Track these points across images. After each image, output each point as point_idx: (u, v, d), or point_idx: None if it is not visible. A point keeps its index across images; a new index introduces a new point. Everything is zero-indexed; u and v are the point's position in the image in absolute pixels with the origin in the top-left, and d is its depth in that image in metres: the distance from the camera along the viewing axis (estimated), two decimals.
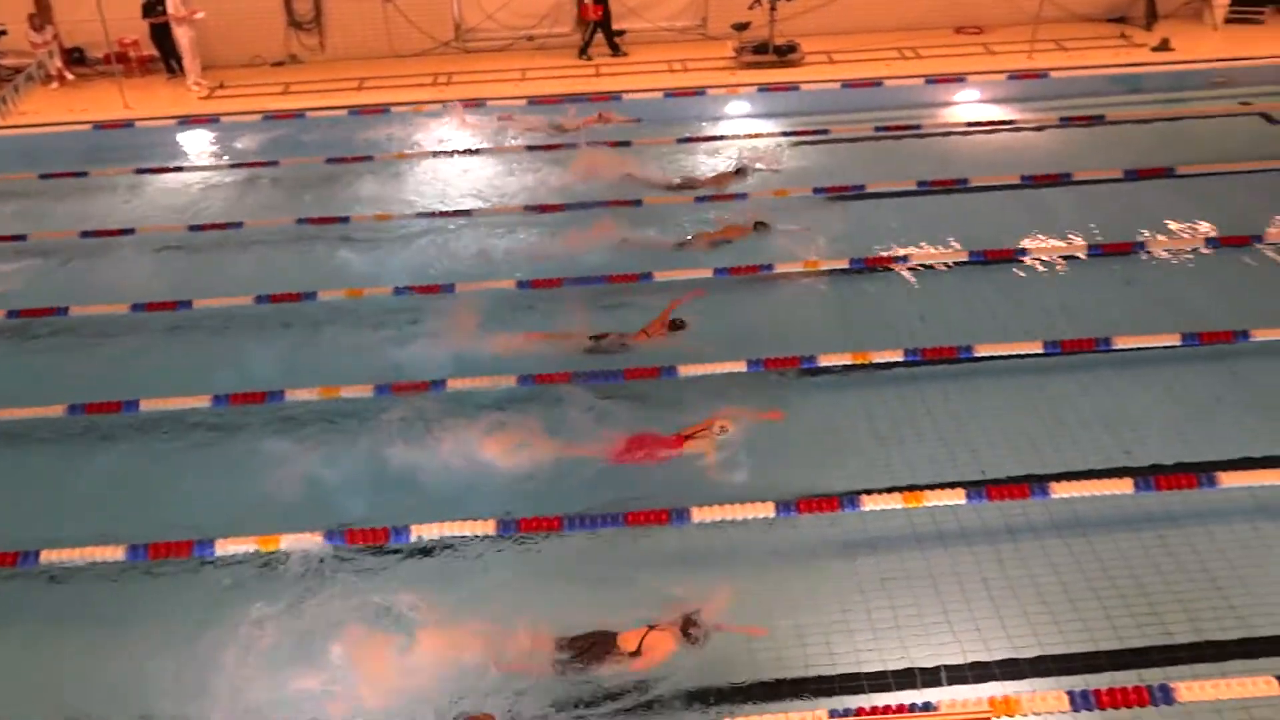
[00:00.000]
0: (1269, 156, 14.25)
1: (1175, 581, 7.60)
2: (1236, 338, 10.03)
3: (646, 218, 13.22)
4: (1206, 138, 15.39)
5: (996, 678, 6.88)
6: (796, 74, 17.67)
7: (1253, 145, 14.91)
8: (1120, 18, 19.56)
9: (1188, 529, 8.06)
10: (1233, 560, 7.77)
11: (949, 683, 6.87)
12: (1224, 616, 7.28)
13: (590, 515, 8.19)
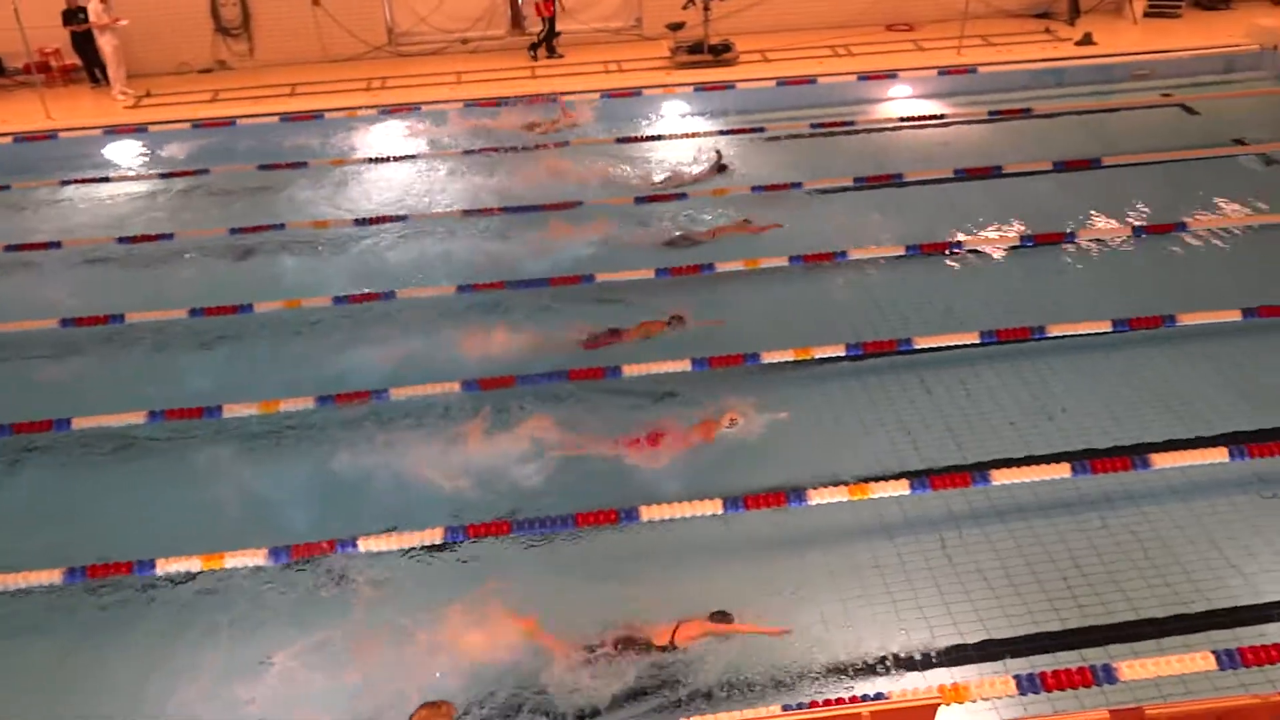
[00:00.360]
0: (1189, 146, 14.68)
1: (1113, 561, 7.79)
2: (1165, 322, 10.31)
3: (586, 217, 13.21)
4: (1130, 129, 15.80)
5: (945, 665, 6.99)
6: (732, 73, 17.78)
7: (1174, 135, 15.34)
8: (1044, 13, 20.01)
9: (1123, 511, 8.28)
10: (1167, 540, 7.98)
11: (898, 671, 6.97)
12: (1161, 594, 7.48)
13: (539, 519, 8.16)
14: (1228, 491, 8.44)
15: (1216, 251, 12.09)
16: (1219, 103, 16.48)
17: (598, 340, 10.54)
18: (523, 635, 7.17)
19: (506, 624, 7.28)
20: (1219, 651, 6.62)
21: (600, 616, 7.29)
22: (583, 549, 8.15)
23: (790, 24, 19.70)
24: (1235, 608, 7.36)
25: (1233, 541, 7.93)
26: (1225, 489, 8.45)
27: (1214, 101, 16.49)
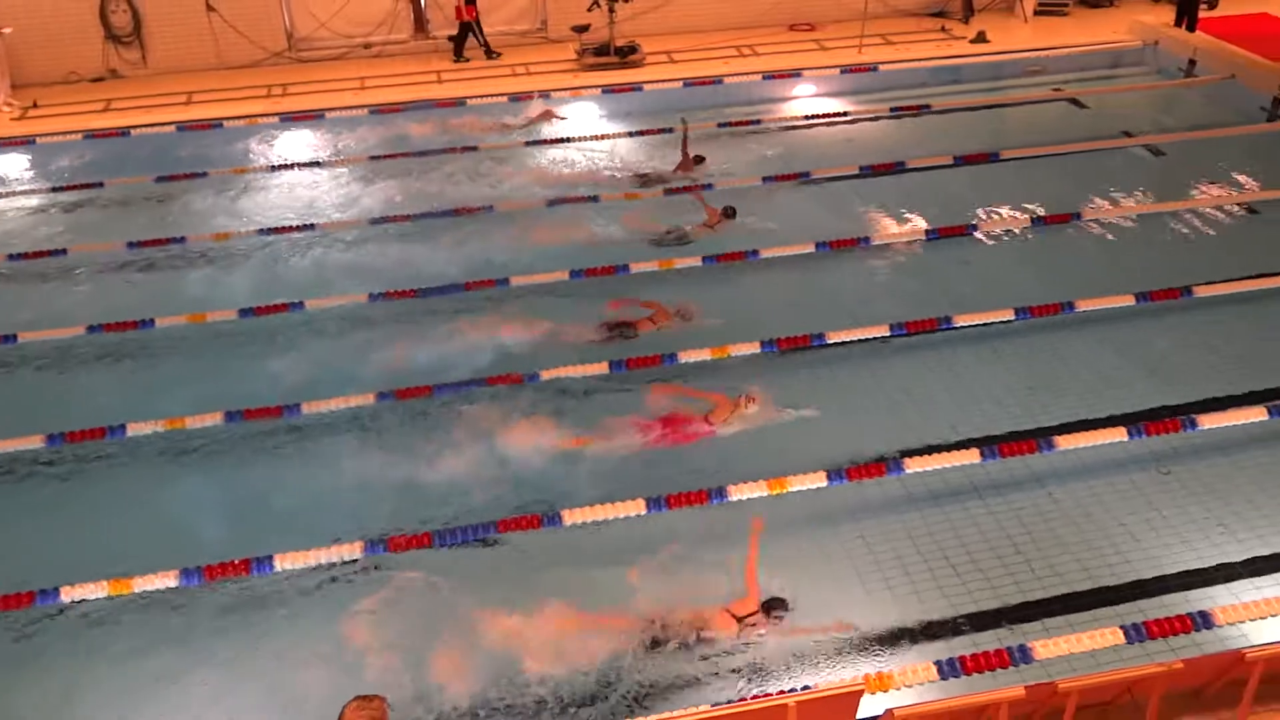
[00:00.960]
0: (1080, 139, 15.23)
1: (1023, 543, 8.04)
2: (1064, 309, 10.68)
3: (498, 222, 13.13)
4: (1024, 123, 16.34)
5: (867, 653, 7.12)
6: (638, 74, 17.85)
7: (1065, 129, 15.91)
8: (940, 12, 20.55)
9: (1032, 492, 8.56)
10: (1073, 519, 8.27)
11: (824, 663, 7.08)
12: (1070, 572, 7.74)
13: (459, 528, 8.08)
14: (1128, 470, 8.78)
15: (1109, 239, 12.59)
16: (1106, 97, 17.15)
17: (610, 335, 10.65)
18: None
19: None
20: (1126, 626, 6.87)
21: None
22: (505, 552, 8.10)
23: (695, 25, 19.87)
24: (1139, 581, 7.67)
25: (1134, 517, 8.26)
26: (1125, 467, 8.80)
27: (1102, 96, 17.16)
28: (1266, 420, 9.02)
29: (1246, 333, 10.58)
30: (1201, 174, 14.07)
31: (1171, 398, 9.53)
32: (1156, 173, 14.39)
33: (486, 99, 16.82)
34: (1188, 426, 8.92)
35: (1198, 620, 6.91)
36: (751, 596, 7.29)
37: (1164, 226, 12.82)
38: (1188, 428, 8.91)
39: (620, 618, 7.29)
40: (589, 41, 18.51)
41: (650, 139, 15.66)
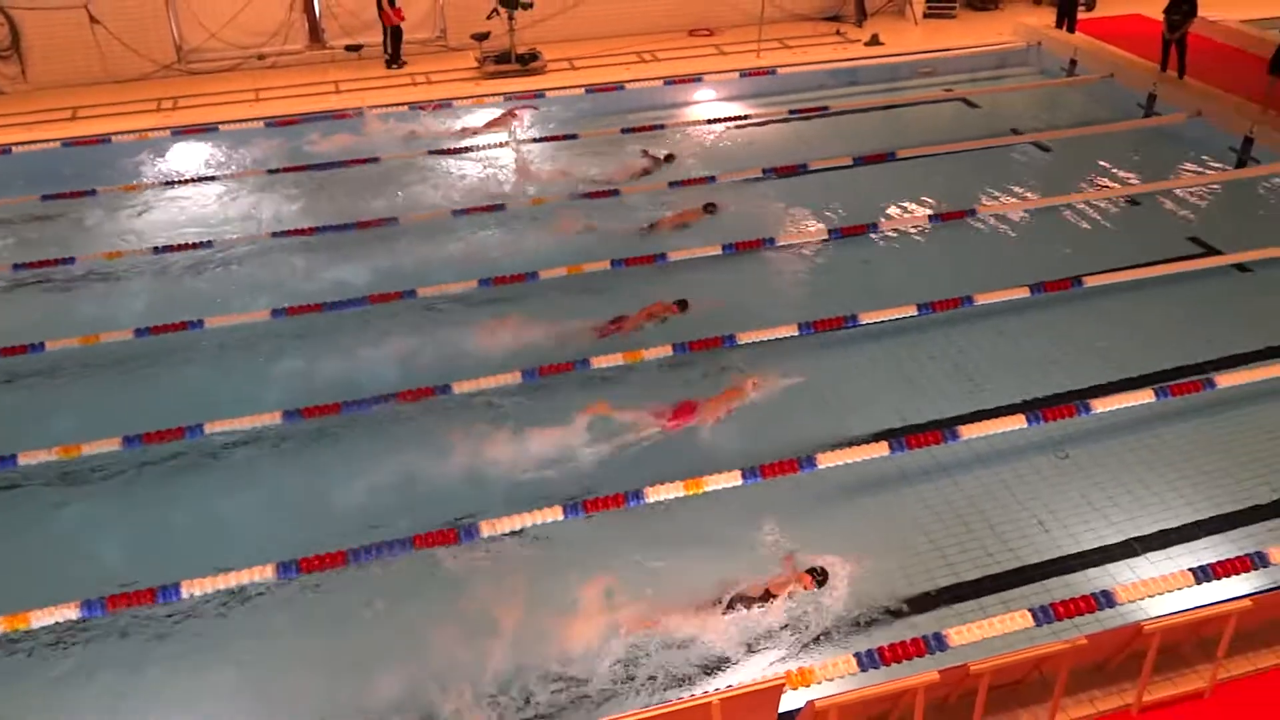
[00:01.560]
0: (972, 137, 15.73)
1: (933, 532, 8.26)
2: (963, 302, 11.01)
3: (401, 234, 12.96)
4: (919, 123, 16.79)
5: (788, 650, 7.22)
6: (540, 81, 17.81)
7: (958, 128, 16.41)
8: (834, 16, 21.01)
9: (939, 481, 8.80)
10: (979, 505, 8.53)
11: (744, 659, 7.17)
12: (978, 558, 7.98)
13: (375, 544, 7.95)
14: (1028, 455, 9.10)
15: (1003, 234, 13.03)
16: (995, 96, 17.76)
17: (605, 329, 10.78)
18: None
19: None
20: (1035, 609, 7.10)
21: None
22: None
23: (595, 32, 19.93)
24: (1042, 563, 7.95)
25: (1035, 500, 8.56)
26: (1025, 453, 9.12)
27: (991, 95, 17.76)
28: (1154, 402, 9.44)
29: (1133, 319, 11.06)
30: (1086, 169, 14.67)
31: (1066, 384, 9.92)
32: (1044, 168, 14.95)
33: (387, 108, 16.59)
34: (1082, 411, 9.29)
35: (1101, 599, 7.19)
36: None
37: (1053, 220, 13.33)
38: (1082, 412, 9.28)
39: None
40: (490, 49, 18.41)
41: (555, 145, 15.65)
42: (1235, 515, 8.41)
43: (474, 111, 16.73)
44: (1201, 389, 9.60)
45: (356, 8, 18.80)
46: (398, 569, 7.95)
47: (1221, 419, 9.53)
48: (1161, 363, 10.22)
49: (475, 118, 16.57)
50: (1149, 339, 10.71)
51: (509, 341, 10.63)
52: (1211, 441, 9.25)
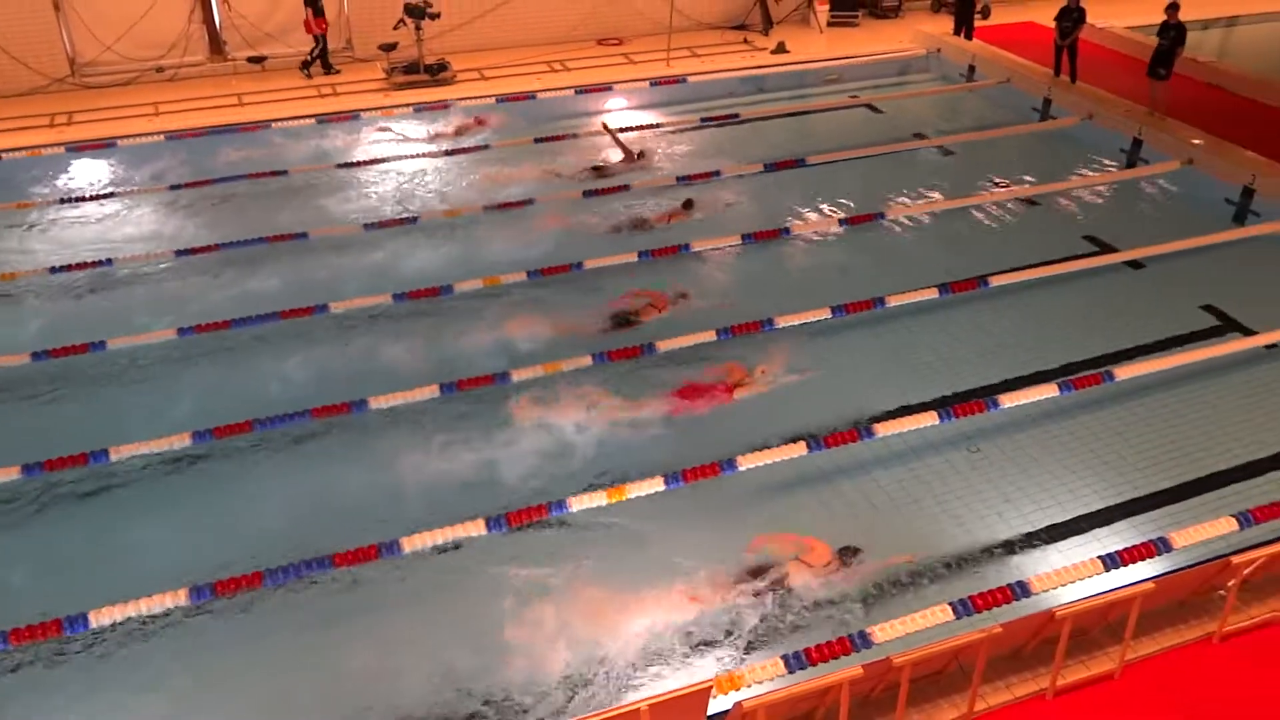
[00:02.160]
0: (878, 142, 16.09)
1: (852, 528, 8.39)
2: (875, 304, 11.25)
3: (312, 249, 12.73)
4: (827, 129, 17.11)
5: (716, 655, 7.28)
6: (450, 91, 17.69)
7: (864, 133, 16.77)
8: (741, 25, 21.30)
9: (858, 479, 8.98)
10: (895, 499, 8.72)
11: (673, 667, 7.20)
12: (899, 552, 8.14)
13: (292, 564, 7.78)
14: (941, 450, 9.34)
15: (911, 236, 13.36)
16: (899, 102, 18.19)
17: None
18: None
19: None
20: (954, 602, 7.26)
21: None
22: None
23: (504, 42, 19.88)
24: (961, 556, 8.15)
25: (950, 494, 8.79)
26: (939, 449, 9.36)
27: (895, 101, 18.19)
28: (1058, 396, 9.78)
29: (1037, 316, 11.45)
30: (987, 171, 15.14)
31: (975, 381, 10.20)
32: (948, 172, 15.37)
33: (293, 121, 16.28)
34: (991, 406, 9.57)
35: (1016, 590, 7.38)
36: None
37: (958, 221, 13.72)
38: (991, 408, 9.57)
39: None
40: (397, 60, 18.21)
41: (468, 156, 15.54)
42: (1139, 502, 8.75)
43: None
44: (1101, 381, 9.97)
45: (258, 19, 18.43)
46: (318, 588, 7.80)
47: (1122, 410, 9.91)
48: (1064, 358, 10.60)
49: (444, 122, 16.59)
50: (1052, 335, 11.09)
51: (425, 354, 10.53)
52: (1113, 432, 9.61)
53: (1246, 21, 22.71)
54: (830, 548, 8.01)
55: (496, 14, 19.75)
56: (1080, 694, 6.92)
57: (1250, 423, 9.72)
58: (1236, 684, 6.97)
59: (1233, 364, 10.52)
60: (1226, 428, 9.66)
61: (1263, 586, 7.54)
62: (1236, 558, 7.18)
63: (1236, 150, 14.51)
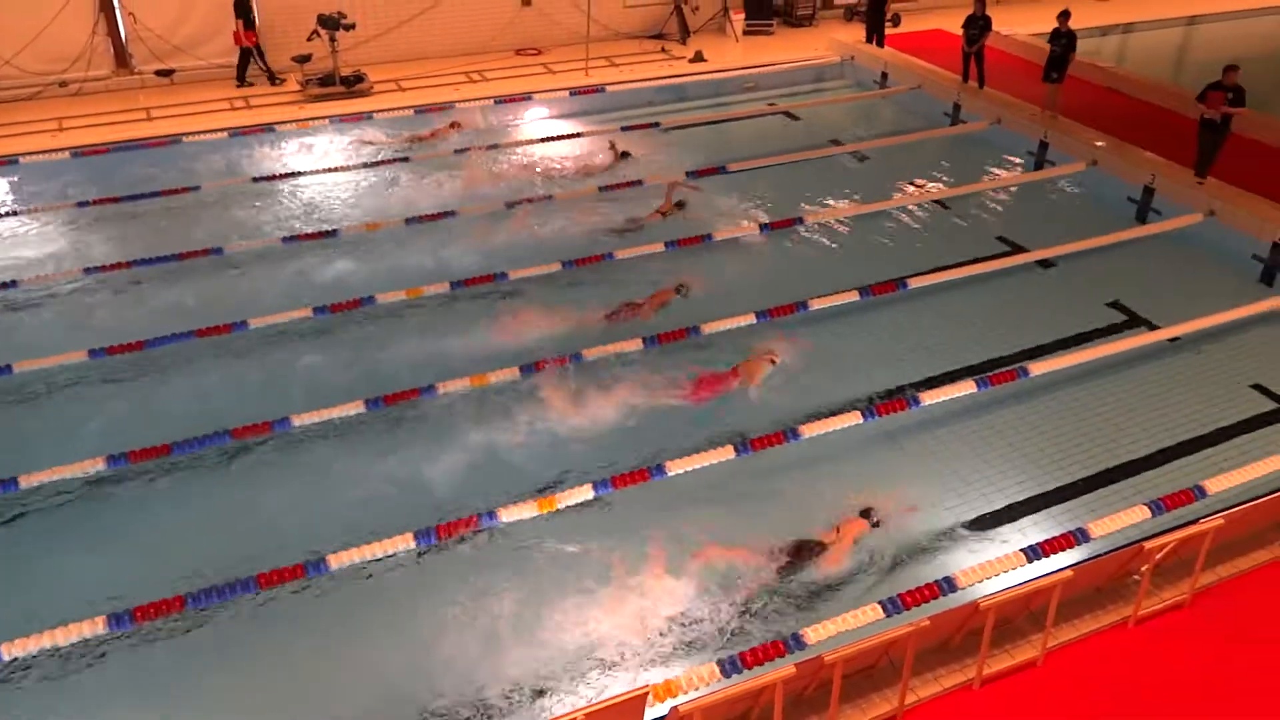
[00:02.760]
0: (796, 149, 16.34)
1: (780, 529, 8.48)
2: (799, 308, 11.41)
3: (229, 264, 12.46)
4: (746, 136, 17.32)
5: (653, 664, 7.29)
6: (368, 103, 17.47)
7: (782, 140, 17.02)
8: (659, 34, 21.46)
9: (779, 480, 9.07)
10: (828, 500, 8.83)
11: (608, 678, 7.19)
12: (818, 560, 8.26)
13: (215, 587, 7.60)
14: (868, 448, 9.51)
15: (829, 240, 13.59)
16: (815, 109, 18.52)
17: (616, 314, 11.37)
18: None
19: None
20: (884, 601, 7.39)
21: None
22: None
23: (421, 52, 19.72)
24: (884, 554, 8.30)
25: (882, 492, 8.92)
26: (865, 446, 9.52)
27: (811, 108, 18.50)
28: (976, 392, 10.04)
29: (954, 315, 11.74)
30: (901, 175, 15.50)
31: (896, 379, 10.41)
32: (864, 177, 15.67)
33: (207, 135, 15.92)
34: (913, 404, 9.78)
35: (943, 585, 7.55)
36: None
37: (876, 225, 14.00)
38: (913, 405, 9.78)
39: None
40: (312, 72, 17.94)
41: (386, 169, 15.37)
42: (1057, 493, 9.03)
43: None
44: (1017, 378, 10.27)
45: (165, 31, 17.98)
46: (241, 610, 7.64)
47: (1038, 404, 10.21)
48: (981, 356, 10.89)
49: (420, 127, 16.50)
50: (969, 333, 11.38)
51: (348, 369, 10.40)
52: (1030, 426, 9.90)
53: (1141, 28, 23.65)
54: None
55: (413, 25, 19.60)
56: (1005, 682, 7.10)
57: (1158, 413, 10.10)
58: (1151, 665, 7.23)
59: (1139, 357, 10.92)
60: (1136, 419, 10.02)
61: (1173, 570, 7.83)
62: (1149, 543, 7.46)
63: (1136, 151, 15.09)
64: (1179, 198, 13.87)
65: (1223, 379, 10.63)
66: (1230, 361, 10.92)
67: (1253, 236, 12.89)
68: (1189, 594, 7.73)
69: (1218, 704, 6.92)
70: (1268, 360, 10.92)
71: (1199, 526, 7.54)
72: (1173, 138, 15.01)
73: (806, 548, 8.12)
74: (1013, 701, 6.95)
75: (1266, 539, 8.36)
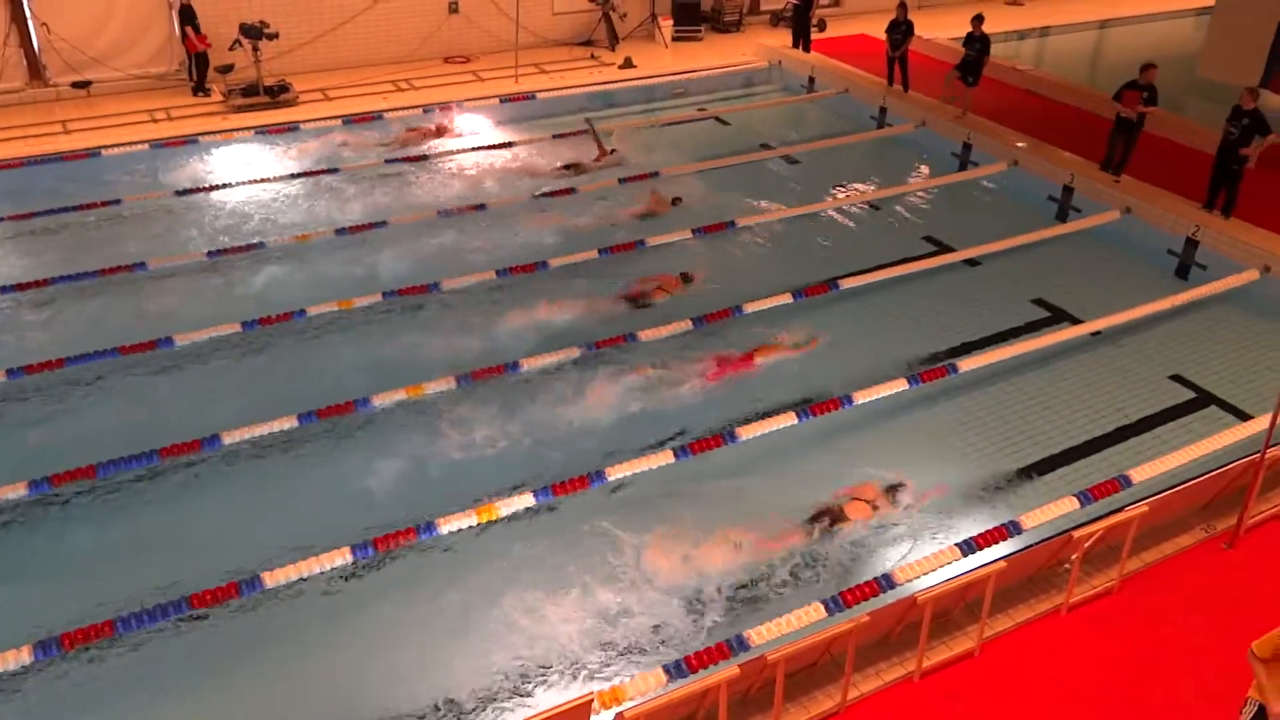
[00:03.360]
0: (727, 154, 16.47)
1: (699, 541, 8.46)
2: (734, 312, 11.49)
3: (150, 280, 12.18)
4: (678, 141, 17.39)
5: (599, 673, 7.29)
6: (293, 114, 17.19)
7: (713, 145, 17.14)
8: (588, 41, 21.48)
9: (720, 484, 9.11)
10: (765, 502, 8.91)
11: (557, 688, 7.18)
12: (759, 565, 8.33)
13: (145, 611, 7.41)
14: (804, 449, 9.61)
15: (762, 244, 13.73)
16: (745, 114, 18.69)
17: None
18: None
19: None
20: (826, 600, 7.48)
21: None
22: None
23: (347, 61, 19.48)
24: (825, 553, 8.40)
25: (821, 491, 9.04)
26: (803, 447, 9.63)
27: (741, 113, 18.66)
28: (906, 389, 10.22)
29: (885, 315, 11.94)
30: (831, 178, 15.73)
31: (833, 379, 10.53)
32: (794, 180, 15.86)
33: (124, 148, 15.52)
34: (846, 404, 9.92)
35: (883, 582, 7.68)
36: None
37: (807, 228, 14.18)
38: (846, 405, 9.91)
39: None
40: (235, 82, 17.60)
41: (314, 180, 15.14)
42: (989, 486, 9.23)
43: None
44: (946, 375, 10.48)
45: (80, 42, 17.47)
46: (170, 633, 7.46)
47: (967, 400, 10.43)
48: (910, 354, 11.08)
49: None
50: (899, 332, 11.57)
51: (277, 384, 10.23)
52: (958, 421, 10.11)
53: (1057, 31, 24.31)
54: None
55: (338, 33, 19.34)
56: (944, 673, 7.23)
57: (1083, 404, 10.38)
58: (1084, 650, 7.42)
59: (1062, 352, 11.22)
60: (1062, 411, 10.28)
61: (1102, 557, 8.04)
62: (1078, 532, 7.66)
63: (1056, 151, 15.50)
64: (1097, 196, 14.30)
65: (1143, 371, 10.97)
66: (1150, 354, 11.27)
67: (1167, 232, 13.34)
68: (1117, 580, 7.95)
69: (1147, 684, 7.13)
70: (1185, 352, 11.29)
71: (1125, 514, 7.78)
72: (1091, 138, 15.43)
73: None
74: (952, 692, 7.08)
75: (1188, 524, 8.64)
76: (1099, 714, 6.90)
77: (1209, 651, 7.37)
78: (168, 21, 17.92)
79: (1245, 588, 7.99)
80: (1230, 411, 10.29)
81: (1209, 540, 8.48)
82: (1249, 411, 10.16)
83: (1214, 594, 7.93)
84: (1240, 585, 8.02)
